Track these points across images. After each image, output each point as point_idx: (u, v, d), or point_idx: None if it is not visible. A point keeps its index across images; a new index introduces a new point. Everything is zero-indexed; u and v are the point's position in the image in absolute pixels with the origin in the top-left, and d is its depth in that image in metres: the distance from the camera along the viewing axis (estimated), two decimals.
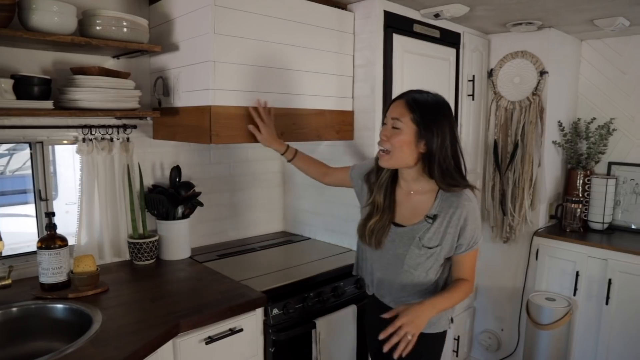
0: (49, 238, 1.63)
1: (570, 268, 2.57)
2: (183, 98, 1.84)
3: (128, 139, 1.98)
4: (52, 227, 1.64)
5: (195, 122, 1.76)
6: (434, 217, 1.44)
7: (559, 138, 2.81)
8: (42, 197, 1.84)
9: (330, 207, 2.37)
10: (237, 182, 2.47)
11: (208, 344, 1.53)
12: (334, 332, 1.88)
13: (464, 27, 2.55)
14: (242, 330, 1.62)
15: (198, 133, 1.75)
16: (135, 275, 1.88)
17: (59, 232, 1.67)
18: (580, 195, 2.75)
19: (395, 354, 1.30)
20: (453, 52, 2.50)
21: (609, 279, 2.41)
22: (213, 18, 1.64)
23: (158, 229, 2.09)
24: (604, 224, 2.70)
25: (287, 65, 1.89)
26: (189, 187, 2.15)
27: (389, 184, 1.53)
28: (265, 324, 1.71)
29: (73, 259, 1.70)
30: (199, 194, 2.16)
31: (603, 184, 2.68)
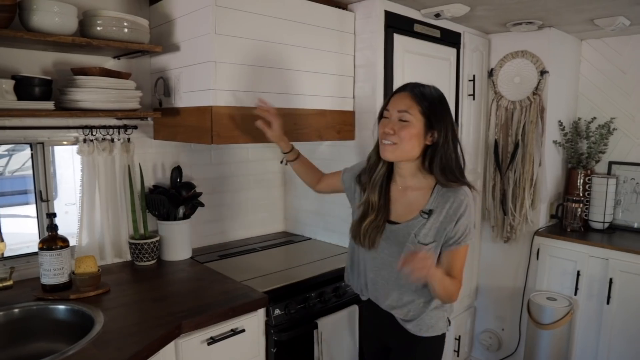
0: (51, 239, 1.62)
1: (571, 267, 2.57)
2: (184, 98, 1.84)
3: (129, 140, 1.98)
4: (53, 228, 1.63)
5: (197, 122, 1.76)
6: (430, 212, 1.41)
7: (560, 138, 2.81)
8: (43, 198, 1.84)
9: (331, 207, 2.37)
10: (237, 182, 2.46)
11: (210, 345, 1.53)
12: (336, 332, 1.88)
13: (465, 26, 2.55)
14: (244, 331, 1.62)
15: (199, 133, 1.75)
16: (137, 276, 1.88)
17: (60, 232, 1.66)
18: (581, 195, 2.75)
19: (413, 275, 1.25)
20: (453, 51, 2.50)
21: (610, 279, 2.41)
22: (214, 18, 1.64)
23: (159, 230, 2.09)
24: (605, 224, 2.70)
25: (288, 66, 1.89)
26: (190, 187, 2.15)
27: (384, 182, 1.51)
28: (267, 325, 1.71)
29: (74, 260, 1.70)
30: (200, 195, 2.16)
31: (604, 184, 2.68)
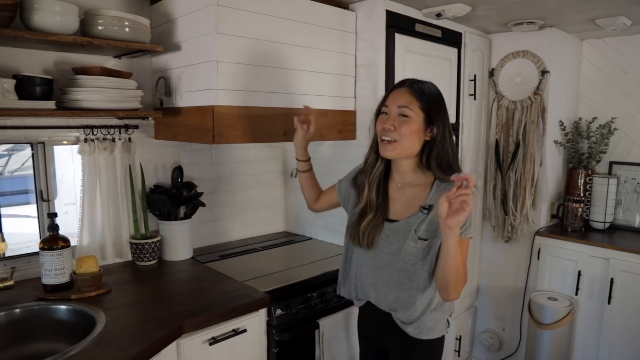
0: (52, 239, 1.62)
1: (572, 267, 2.57)
2: (185, 98, 1.83)
3: (130, 139, 1.97)
4: (54, 227, 1.63)
5: (198, 122, 1.75)
6: (429, 207, 1.40)
7: (560, 137, 2.81)
8: (44, 197, 1.84)
9: None
10: (238, 182, 2.46)
11: (212, 345, 1.53)
12: (337, 332, 1.87)
13: (466, 26, 2.55)
14: (245, 331, 1.61)
15: (200, 133, 1.75)
16: (138, 276, 1.88)
17: (60, 232, 1.66)
18: (582, 195, 2.75)
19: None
20: (454, 51, 2.50)
21: (611, 278, 2.40)
22: (216, 18, 1.63)
23: (160, 230, 2.08)
24: (606, 224, 2.70)
25: (289, 65, 1.88)
26: (191, 187, 2.15)
27: (382, 180, 1.50)
28: (269, 325, 1.71)
29: (75, 260, 1.70)
30: (201, 195, 2.16)
31: (604, 184, 2.68)
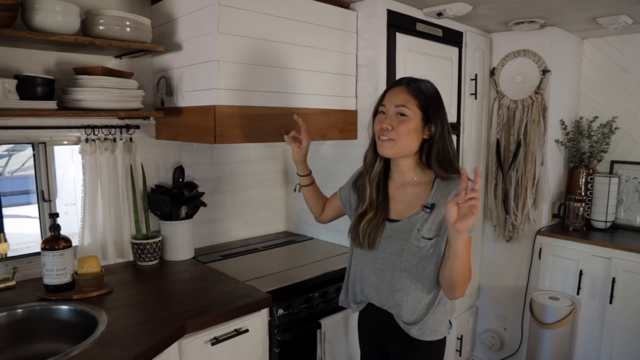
0: (53, 239, 1.62)
1: (574, 267, 2.56)
2: (186, 98, 1.83)
3: (131, 139, 1.97)
4: (56, 228, 1.63)
5: (199, 122, 1.75)
6: (432, 206, 1.39)
7: (562, 137, 2.80)
8: (45, 198, 1.84)
9: None
10: (239, 182, 2.46)
11: (214, 345, 1.52)
12: (339, 332, 1.87)
13: (466, 25, 2.54)
14: (247, 331, 1.61)
15: (202, 133, 1.74)
16: (139, 276, 1.88)
17: (61, 232, 1.65)
18: (583, 194, 2.75)
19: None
20: (455, 51, 2.50)
21: (613, 278, 2.40)
22: (217, 17, 1.63)
23: (161, 230, 2.08)
24: (607, 223, 2.70)
25: (290, 65, 1.88)
26: (192, 187, 2.15)
27: (381, 179, 1.49)
28: (271, 325, 1.71)
29: (77, 260, 1.70)
30: (202, 194, 2.16)
31: (606, 183, 2.68)
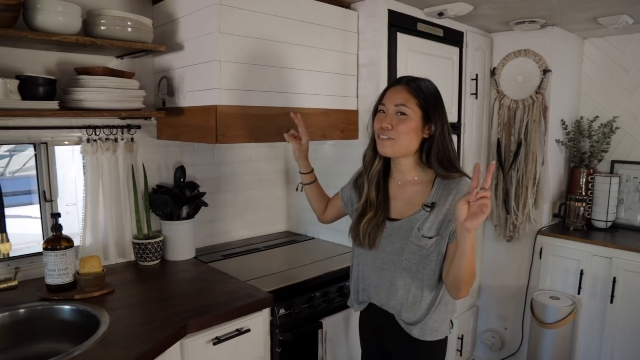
0: (55, 239, 1.62)
1: (574, 266, 2.57)
2: (188, 98, 1.83)
3: (132, 139, 1.97)
4: (57, 228, 1.63)
5: (201, 122, 1.75)
6: (432, 205, 1.38)
7: (562, 136, 2.80)
8: (46, 198, 1.84)
9: None
10: (240, 181, 2.46)
11: (215, 345, 1.52)
12: (340, 331, 1.87)
13: (467, 25, 2.55)
14: (249, 331, 1.61)
15: (203, 133, 1.74)
16: (141, 276, 1.88)
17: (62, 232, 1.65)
18: (584, 194, 2.75)
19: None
20: (456, 50, 2.50)
21: (614, 277, 2.40)
22: (218, 17, 1.63)
23: (162, 230, 2.08)
24: (608, 222, 2.70)
25: (291, 65, 1.88)
26: (194, 187, 2.15)
27: (381, 178, 1.48)
28: (272, 324, 1.71)
29: (79, 260, 1.70)
30: (204, 194, 2.16)
31: (606, 183, 2.68)
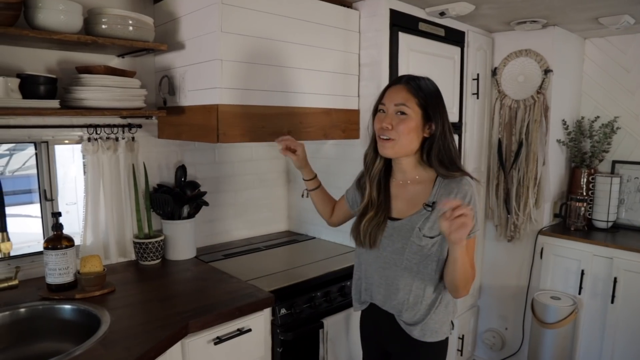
0: (56, 238, 1.61)
1: (575, 267, 2.56)
2: (189, 97, 1.83)
3: (133, 139, 1.97)
4: (58, 227, 1.62)
5: (202, 121, 1.75)
6: (433, 204, 1.38)
7: (563, 137, 2.80)
8: (47, 197, 1.83)
9: None
10: (241, 181, 2.45)
11: (217, 345, 1.52)
12: (342, 331, 1.87)
13: (469, 25, 2.54)
14: (250, 331, 1.61)
15: (205, 132, 1.74)
16: (142, 276, 1.87)
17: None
18: (585, 194, 2.75)
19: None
20: (458, 50, 2.49)
21: (614, 278, 2.40)
22: (220, 16, 1.63)
23: (163, 229, 2.08)
24: (609, 223, 2.70)
25: (293, 64, 1.88)
26: (195, 186, 2.14)
27: (382, 177, 1.48)
28: (273, 324, 1.70)
29: (79, 259, 1.69)
30: (205, 194, 2.15)
31: (607, 183, 2.68)
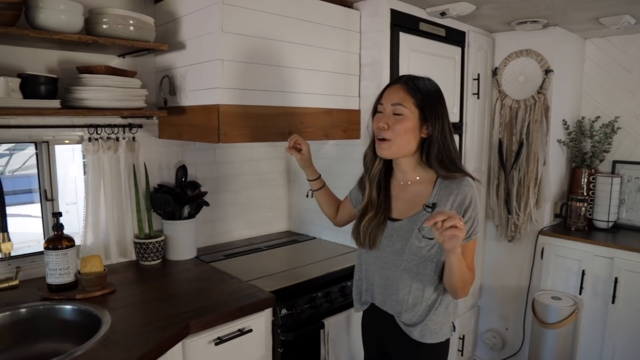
0: (56, 238, 1.61)
1: (576, 267, 2.56)
2: (190, 97, 1.83)
3: (134, 139, 1.96)
4: (59, 227, 1.62)
5: (203, 121, 1.75)
6: (433, 205, 1.37)
7: (564, 137, 2.80)
8: (47, 197, 1.83)
9: None
10: (242, 181, 2.45)
11: (217, 345, 1.52)
12: (343, 332, 1.87)
13: (469, 25, 2.54)
14: (251, 331, 1.61)
15: (205, 132, 1.74)
16: (142, 276, 1.87)
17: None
18: (585, 194, 2.75)
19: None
20: (458, 50, 2.49)
21: (615, 278, 2.40)
22: (221, 16, 1.62)
23: (164, 229, 2.08)
24: (609, 223, 2.70)
25: (294, 64, 1.87)
26: (195, 186, 2.14)
27: (382, 178, 1.47)
28: (274, 324, 1.70)
29: (80, 260, 1.69)
30: (205, 194, 2.15)
31: (608, 183, 2.68)
